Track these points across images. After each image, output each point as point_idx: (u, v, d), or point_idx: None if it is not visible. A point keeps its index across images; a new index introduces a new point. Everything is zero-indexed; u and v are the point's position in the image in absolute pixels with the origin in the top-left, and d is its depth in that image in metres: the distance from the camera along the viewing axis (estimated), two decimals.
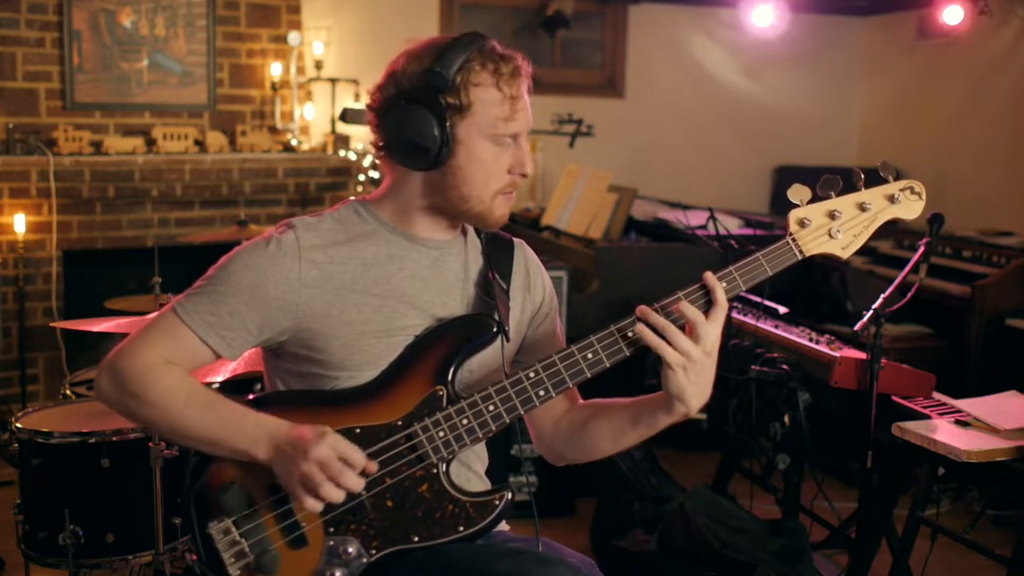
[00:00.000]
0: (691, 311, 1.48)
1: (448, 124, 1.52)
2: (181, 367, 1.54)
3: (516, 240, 1.77)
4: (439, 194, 1.59)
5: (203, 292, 1.55)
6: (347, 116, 3.81)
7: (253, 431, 1.49)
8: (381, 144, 1.60)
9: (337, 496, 1.45)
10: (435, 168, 1.56)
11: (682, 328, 1.49)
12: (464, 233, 1.70)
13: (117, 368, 1.53)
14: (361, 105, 4.39)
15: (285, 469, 1.46)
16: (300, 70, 4.80)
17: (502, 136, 1.55)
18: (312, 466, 1.42)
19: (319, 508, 1.46)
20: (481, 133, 1.54)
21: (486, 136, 1.55)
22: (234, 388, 2.68)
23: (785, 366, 2.95)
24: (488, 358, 1.64)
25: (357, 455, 1.46)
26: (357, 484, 1.46)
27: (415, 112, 1.53)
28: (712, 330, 1.48)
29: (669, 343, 1.47)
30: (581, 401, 1.74)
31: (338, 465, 1.43)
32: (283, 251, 1.55)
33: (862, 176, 1.60)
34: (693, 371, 1.48)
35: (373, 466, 1.49)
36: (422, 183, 1.60)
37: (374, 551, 1.53)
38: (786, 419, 2.99)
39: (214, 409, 1.51)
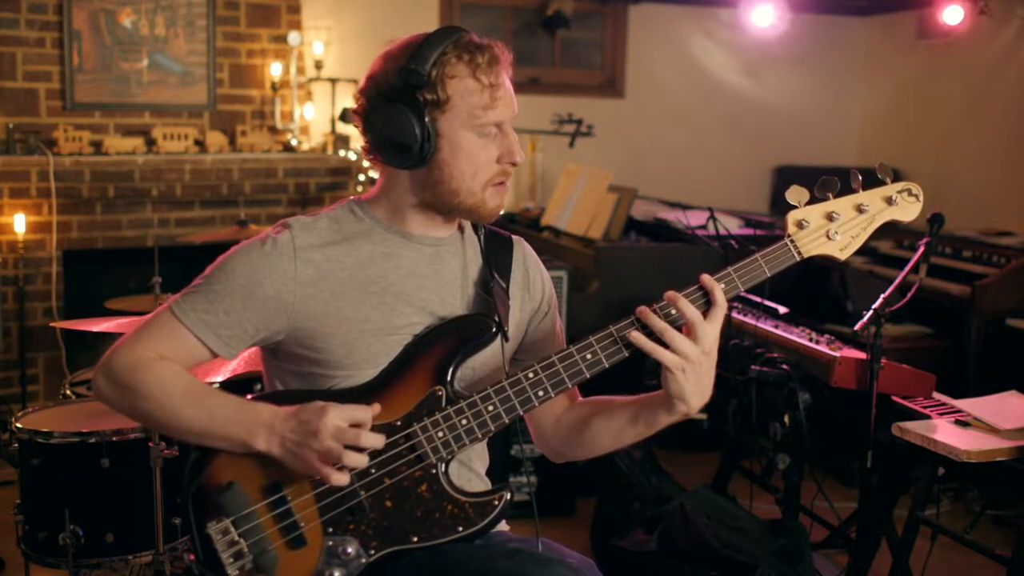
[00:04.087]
0: (690, 310, 1.48)
1: (428, 119, 1.53)
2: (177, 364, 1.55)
3: (515, 238, 1.77)
4: (429, 190, 1.59)
5: (199, 291, 1.55)
6: (347, 116, 3.82)
7: (250, 421, 1.49)
8: (368, 146, 1.61)
9: (361, 461, 1.45)
10: (422, 165, 1.56)
11: (679, 329, 1.48)
12: (461, 230, 1.70)
13: (112, 365, 1.54)
14: None
15: (299, 458, 1.46)
16: (300, 70, 4.80)
17: (485, 126, 1.55)
18: (329, 440, 1.42)
19: (347, 480, 1.46)
20: (463, 125, 1.54)
21: (468, 127, 1.54)
22: (234, 388, 2.66)
23: (785, 366, 2.95)
24: (488, 357, 1.64)
25: (363, 412, 1.46)
26: (377, 441, 1.46)
27: (395, 111, 1.53)
28: (711, 330, 1.48)
29: (667, 345, 1.47)
30: (580, 399, 1.74)
31: (352, 431, 1.44)
32: (279, 250, 1.55)
33: (860, 178, 1.60)
34: (692, 372, 1.48)
35: (376, 408, 1.49)
36: (412, 181, 1.60)
37: (373, 551, 1.53)
38: (786, 419, 2.99)
39: (209, 400, 1.52)
